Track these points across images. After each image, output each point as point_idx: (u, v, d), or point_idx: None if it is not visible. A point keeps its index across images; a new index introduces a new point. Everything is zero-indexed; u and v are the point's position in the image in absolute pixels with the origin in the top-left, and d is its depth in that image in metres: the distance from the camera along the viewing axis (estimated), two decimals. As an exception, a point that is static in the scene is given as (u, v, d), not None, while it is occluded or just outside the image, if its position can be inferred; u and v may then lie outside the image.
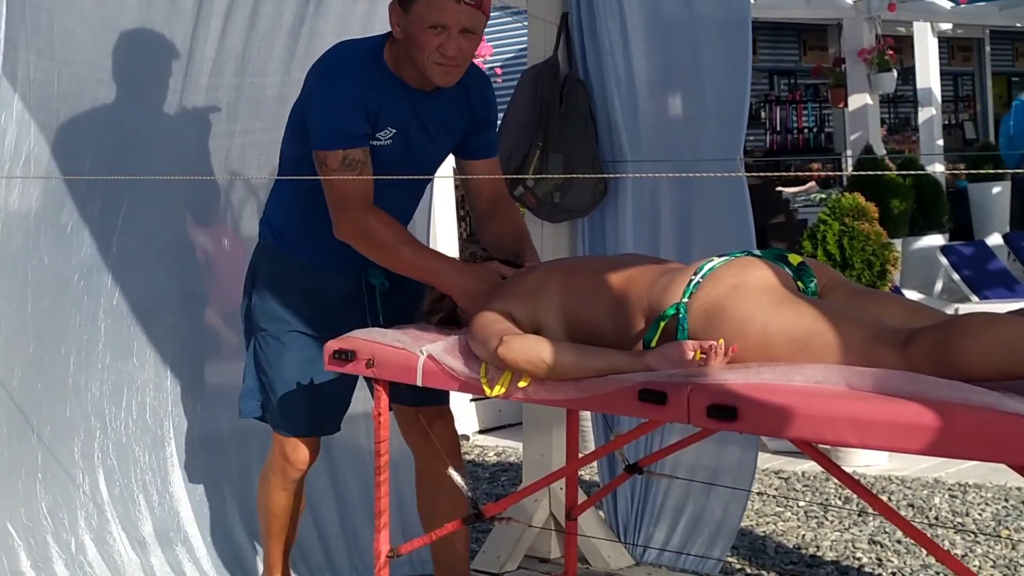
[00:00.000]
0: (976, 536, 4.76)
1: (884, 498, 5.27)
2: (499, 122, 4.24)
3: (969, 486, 5.48)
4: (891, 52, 12.53)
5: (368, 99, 3.19)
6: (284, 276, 3.47)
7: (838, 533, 4.87)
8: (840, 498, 5.37)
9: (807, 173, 14.38)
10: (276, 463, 3.55)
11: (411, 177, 3.28)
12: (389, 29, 3.28)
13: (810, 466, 5.83)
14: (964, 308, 8.76)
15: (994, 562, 4.45)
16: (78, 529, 3.80)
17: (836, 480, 5.51)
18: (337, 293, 3.45)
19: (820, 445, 2.70)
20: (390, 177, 3.19)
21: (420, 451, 3.59)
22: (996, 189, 12.62)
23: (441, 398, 3.55)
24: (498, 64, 8.78)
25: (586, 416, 4.83)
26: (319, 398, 3.46)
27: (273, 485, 3.57)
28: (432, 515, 3.56)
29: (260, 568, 4.14)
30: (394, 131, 3.25)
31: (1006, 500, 5.25)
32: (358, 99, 3.19)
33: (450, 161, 3.64)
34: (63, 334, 3.79)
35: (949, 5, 12.59)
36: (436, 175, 3.62)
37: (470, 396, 6.65)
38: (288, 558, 3.67)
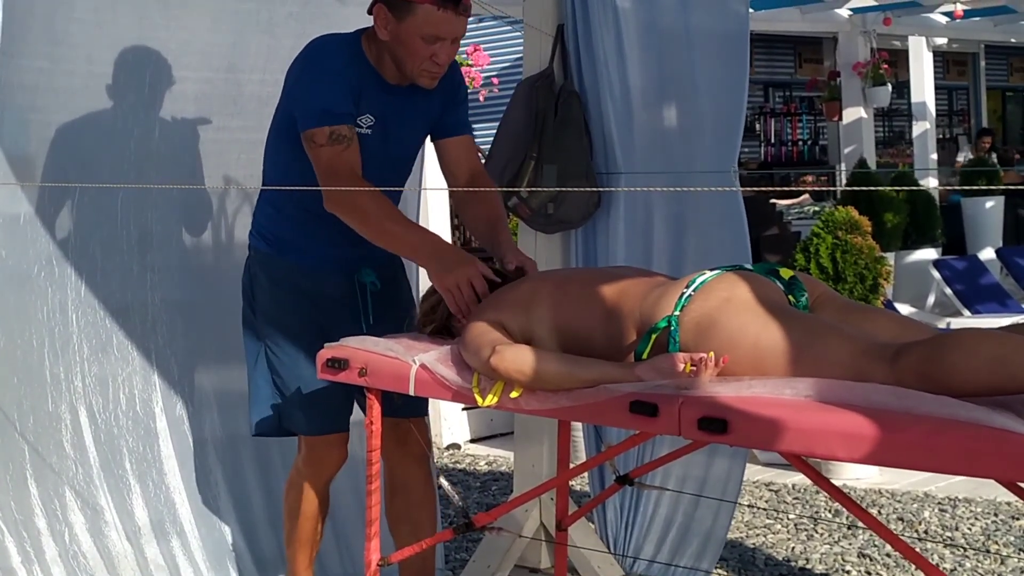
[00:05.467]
0: (965, 550, 4.77)
1: (874, 511, 5.29)
2: (494, 132, 4.27)
3: (959, 500, 5.49)
4: (886, 66, 12.56)
5: (351, 82, 3.26)
6: (281, 279, 3.50)
7: (828, 546, 4.88)
8: (830, 511, 5.38)
9: (801, 188, 14.39)
10: (309, 467, 3.54)
11: (391, 188, 3.29)
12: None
13: (800, 478, 5.84)
14: (956, 322, 8.79)
15: (983, 576, 4.47)
16: (71, 519, 3.81)
17: (826, 493, 5.52)
18: (333, 293, 3.48)
19: (810, 458, 2.71)
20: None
21: (393, 457, 3.61)
22: (989, 204, 12.65)
23: (421, 408, 3.57)
24: (494, 74, 8.79)
25: (577, 426, 4.84)
26: (342, 391, 3.44)
27: (303, 490, 3.56)
28: (402, 520, 3.59)
29: (252, 565, 4.15)
30: (374, 120, 3.31)
31: (996, 515, 5.26)
32: (343, 79, 3.25)
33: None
34: (33, 327, 3.80)
35: (944, 20, 12.61)
36: (430, 186, 3.64)
37: (462, 405, 6.66)
38: (313, 566, 3.67)
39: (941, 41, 13.60)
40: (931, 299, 10.78)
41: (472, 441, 7.08)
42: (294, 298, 3.48)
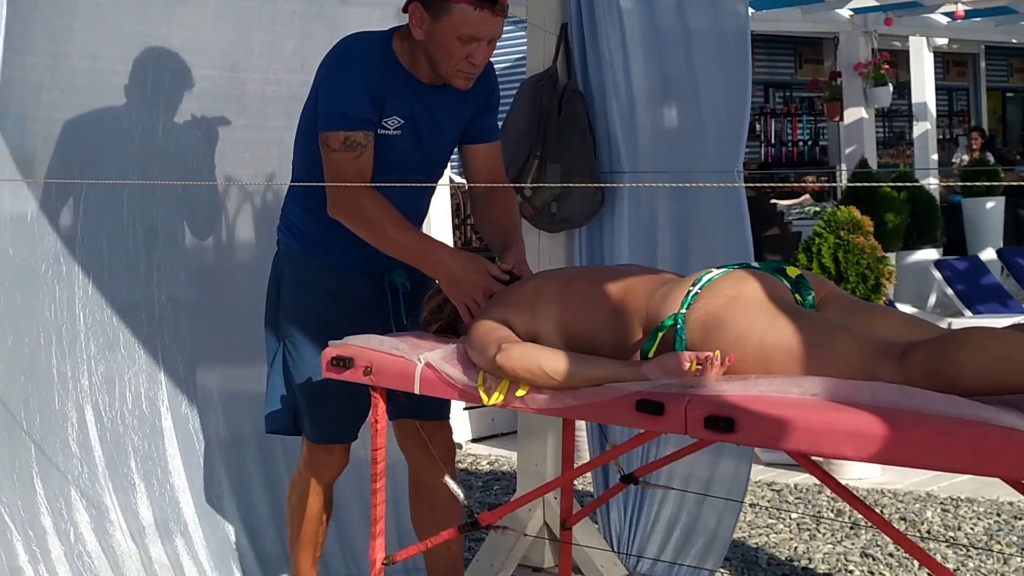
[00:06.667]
0: (968, 550, 4.77)
1: (876, 511, 5.28)
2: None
3: (961, 500, 5.48)
4: (887, 66, 12.57)
5: (375, 85, 3.23)
6: (308, 279, 3.47)
7: (830, 546, 4.88)
8: (833, 511, 5.38)
9: (803, 185, 14.40)
10: (309, 469, 3.54)
11: (414, 185, 3.28)
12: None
13: (803, 478, 5.84)
14: (957, 323, 8.78)
15: (986, 576, 4.47)
16: (77, 518, 3.80)
17: (829, 493, 5.52)
18: (360, 295, 3.46)
19: (815, 457, 2.71)
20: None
21: (416, 461, 3.61)
22: (989, 204, 12.65)
23: (443, 412, 3.56)
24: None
25: (580, 426, 4.83)
26: (352, 404, 3.42)
27: (306, 491, 3.56)
28: (428, 524, 3.57)
29: (256, 564, 4.15)
30: (402, 121, 3.28)
31: (998, 514, 5.26)
32: (365, 84, 3.22)
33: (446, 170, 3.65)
34: (40, 324, 3.79)
35: (945, 20, 12.62)
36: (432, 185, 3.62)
37: (464, 404, 6.66)
38: (317, 567, 3.67)
39: (942, 41, 13.61)
40: (932, 299, 10.78)
41: (474, 441, 7.08)
42: (319, 299, 3.46)
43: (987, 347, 2.27)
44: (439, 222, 7.01)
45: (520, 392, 2.76)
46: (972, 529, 5.08)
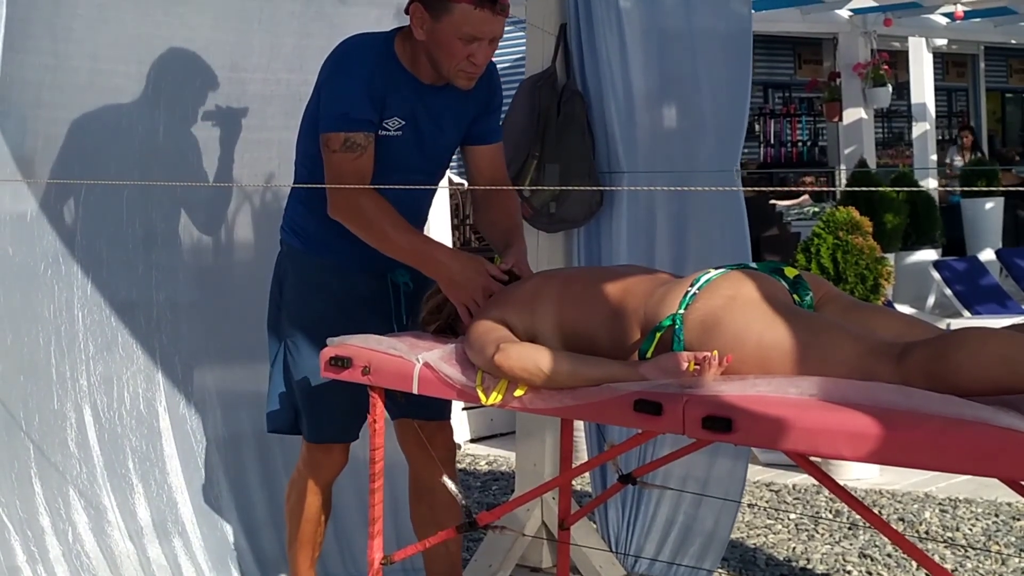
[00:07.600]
0: (966, 551, 4.77)
1: (875, 512, 5.28)
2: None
3: (960, 501, 5.49)
4: (886, 67, 12.58)
5: (376, 87, 3.24)
6: (311, 280, 3.48)
7: (828, 546, 4.88)
8: (831, 511, 5.38)
9: (802, 188, 14.39)
10: (308, 469, 3.55)
11: (413, 188, 3.29)
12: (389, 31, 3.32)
13: (801, 479, 5.84)
14: (956, 323, 8.78)
15: (984, 577, 4.47)
16: (75, 518, 3.80)
17: (827, 493, 5.53)
18: (363, 295, 3.46)
19: (813, 458, 2.71)
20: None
21: (416, 461, 3.61)
22: (988, 205, 12.66)
23: (444, 412, 3.56)
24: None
25: (579, 426, 4.83)
26: (351, 404, 3.41)
27: (305, 491, 3.56)
28: (427, 524, 3.57)
29: (254, 564, 4.15)
30: (403, 122, 3.29)
31: (996, 515, 5.26)
32: (366, 85, 3.23)
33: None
34: (40, 324, 3.79)
35: (944, 21, 12.63)
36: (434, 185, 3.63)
37: (462, 405, 6.66)
38: (315, 567, 3.67)
39: (941, 42, 13.62)
40: (931, 300, 10.79)
41: (472, 441, 7.08)
42: (321, 300, 3.46)
43: (985, 347, 2.27)
44: (438, 222, 7.01)
45: (518, 392, 2.76)
46: (970, 530, 5.08)
